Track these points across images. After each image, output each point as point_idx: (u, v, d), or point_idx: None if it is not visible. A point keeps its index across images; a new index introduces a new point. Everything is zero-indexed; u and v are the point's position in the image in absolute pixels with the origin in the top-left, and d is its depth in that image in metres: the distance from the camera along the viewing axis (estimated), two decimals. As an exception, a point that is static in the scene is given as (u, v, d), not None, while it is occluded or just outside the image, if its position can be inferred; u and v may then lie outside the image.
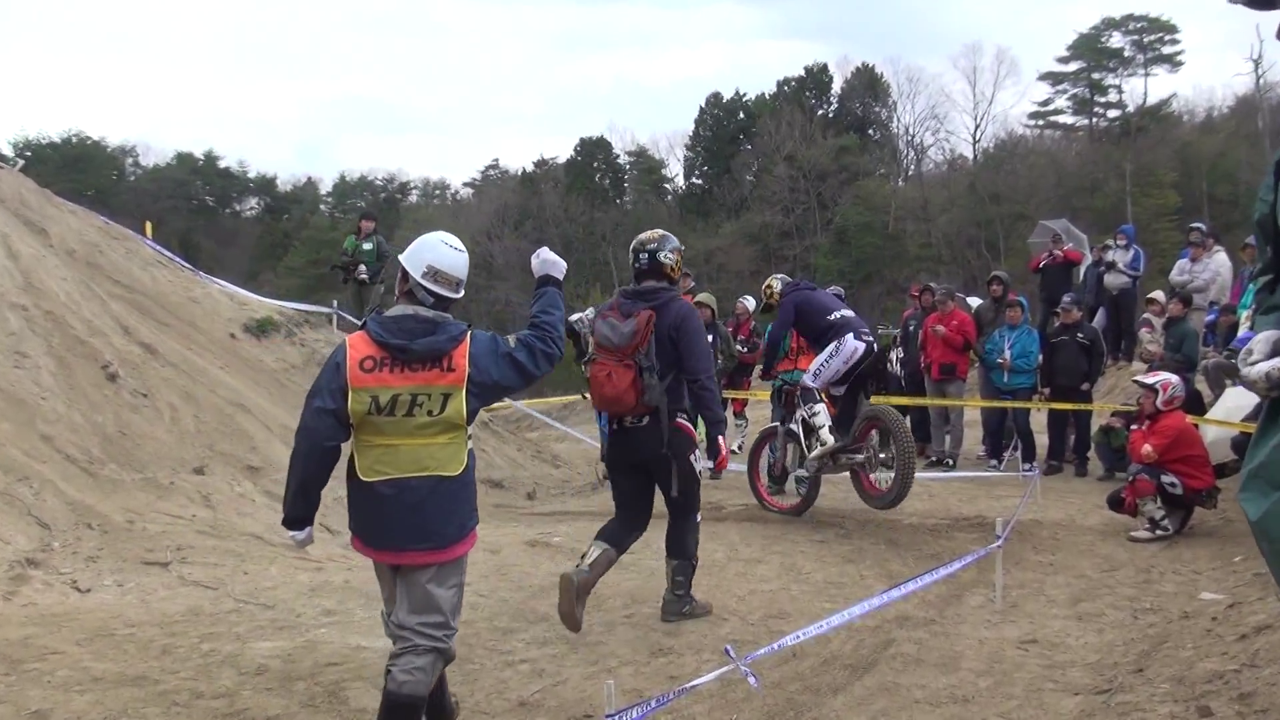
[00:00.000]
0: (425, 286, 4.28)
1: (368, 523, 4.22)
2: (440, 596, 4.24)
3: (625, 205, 71.25)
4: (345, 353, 4.19)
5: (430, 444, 4.16)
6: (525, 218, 65.93)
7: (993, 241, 53.70)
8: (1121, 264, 15.62)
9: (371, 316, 4.36)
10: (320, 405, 4.16)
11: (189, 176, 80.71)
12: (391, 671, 4.17)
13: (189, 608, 6.47)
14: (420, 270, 4.28)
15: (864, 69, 68.18)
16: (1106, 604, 6.86)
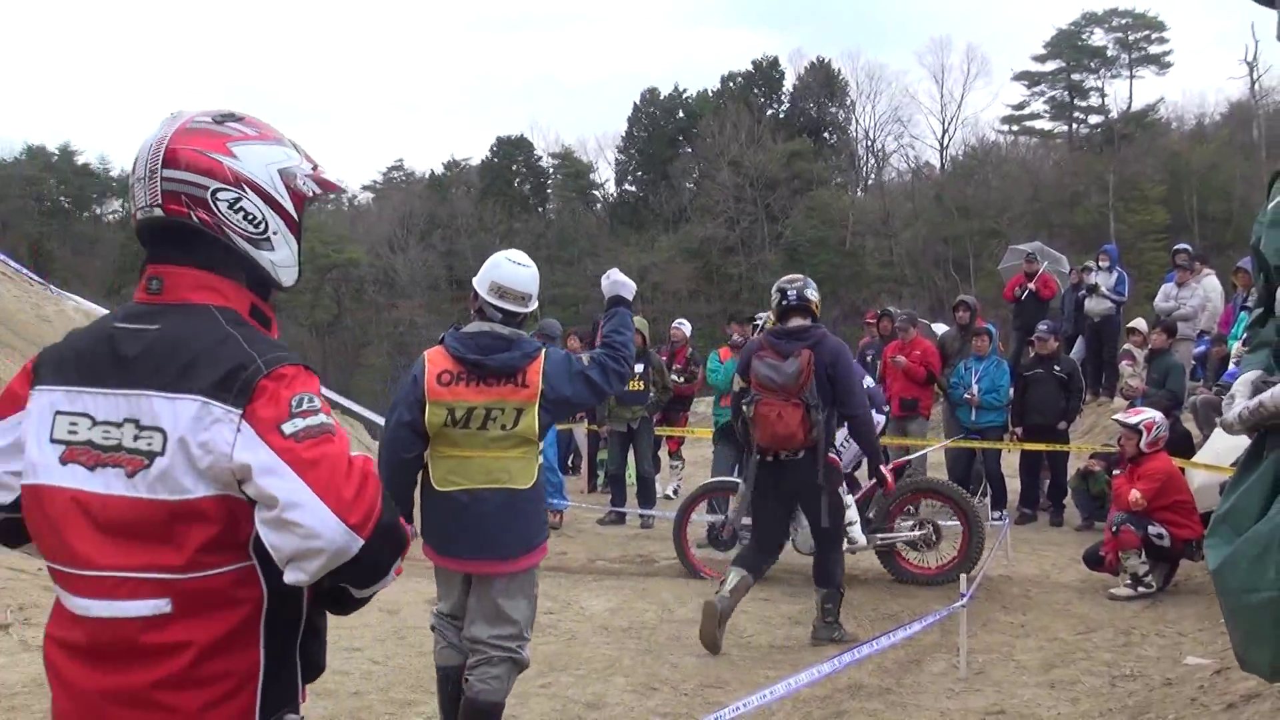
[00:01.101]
0: (493, 304, 4.93)
1: (439, 530, 4.86)
2: (511, 608, 4.88)
3: (549, 214, 71.39)
4: (424, 366, 4.85)
5: (503, 457, 4.80)
6: (434, 227, 65.75)
7: (961, 260, 54.55)
8: (1105, 287, 15.90)
9: (449, 332, 4.99)
10: (399, 418, 4.84)
11: (40, 174, 79.43)
12: (469, 679, 4.83)
13: (33, 677, 6.32)
14: (486, 288, 4.95)
15: (819, 64, 69.03)
16: (1082, 670, 6.97)
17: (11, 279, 13.11)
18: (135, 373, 2.17)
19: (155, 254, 2.33)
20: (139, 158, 2.32)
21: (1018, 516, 12.26)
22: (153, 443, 2.12)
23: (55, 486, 2.18)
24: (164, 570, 2.11)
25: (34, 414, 2.24)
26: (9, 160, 79.52)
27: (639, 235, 63.52)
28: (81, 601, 2.15)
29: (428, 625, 7.78)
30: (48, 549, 2.23)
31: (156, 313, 2.25)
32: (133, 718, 2.15)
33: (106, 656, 2.15)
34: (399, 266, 62.65)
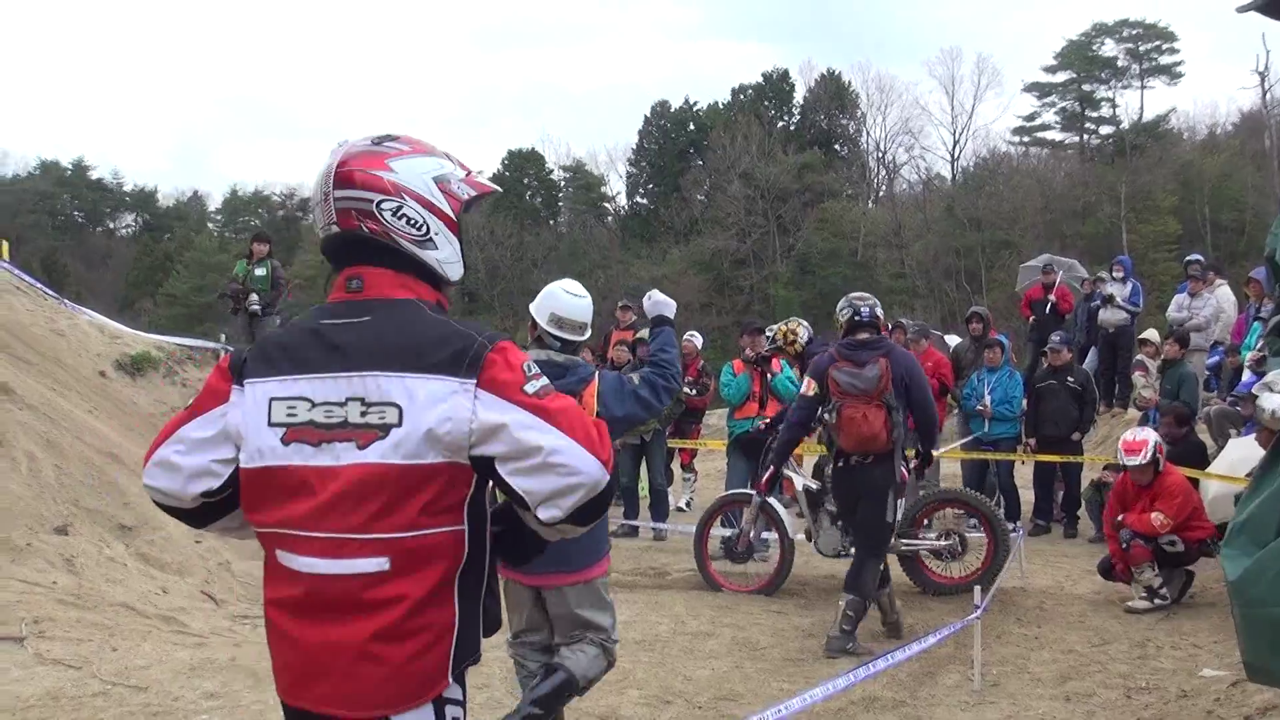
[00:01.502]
0: (552, 333, 5.27)
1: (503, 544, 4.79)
2: (592, 614, 5.11)
3: (559, 227, 71.47)
4: None
5: None
6: (445, 240, 65.79)
7: (973, 271, 54.49)
8: (1119, 298, 15.88)
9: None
10: None
11: (55, 188, 79.91)
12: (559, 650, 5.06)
13: (47, 690, 6.35)
14: (545, 319, 5.27)
15: (829, 76, 69.08)
16: (1097, 682, 6.95)
17: (25, 293, 13.15)
18: (354, 358, 2.47)
19: (345, 261, 2.66)
20: (315, 184, 2.66)
21: (1031, 528, 12.23)
22: (385, 416, 2.42)
23: (281, 465, 2.47)
24: (386, 531, 2.39)
25: (248, 404, 2.52)
26: (23, 175, 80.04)
27: (650, 248, 63.55)
28: (307, 560, 2.43)
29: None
30: (272, 518, 2.49)
31: (362, 307, 2.56)
32: (349, 668, 2.42)
33: (328, 611, 2.43)
34: (410, 280, 62.74)
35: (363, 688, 2.43)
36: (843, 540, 9.29)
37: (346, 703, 2.45)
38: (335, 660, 2.43)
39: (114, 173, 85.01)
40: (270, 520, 2.51)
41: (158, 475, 2.64)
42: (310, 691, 2.49)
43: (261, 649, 7.27)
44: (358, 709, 2.45)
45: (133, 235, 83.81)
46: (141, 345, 13.32)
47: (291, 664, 2.51)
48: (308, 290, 58.88)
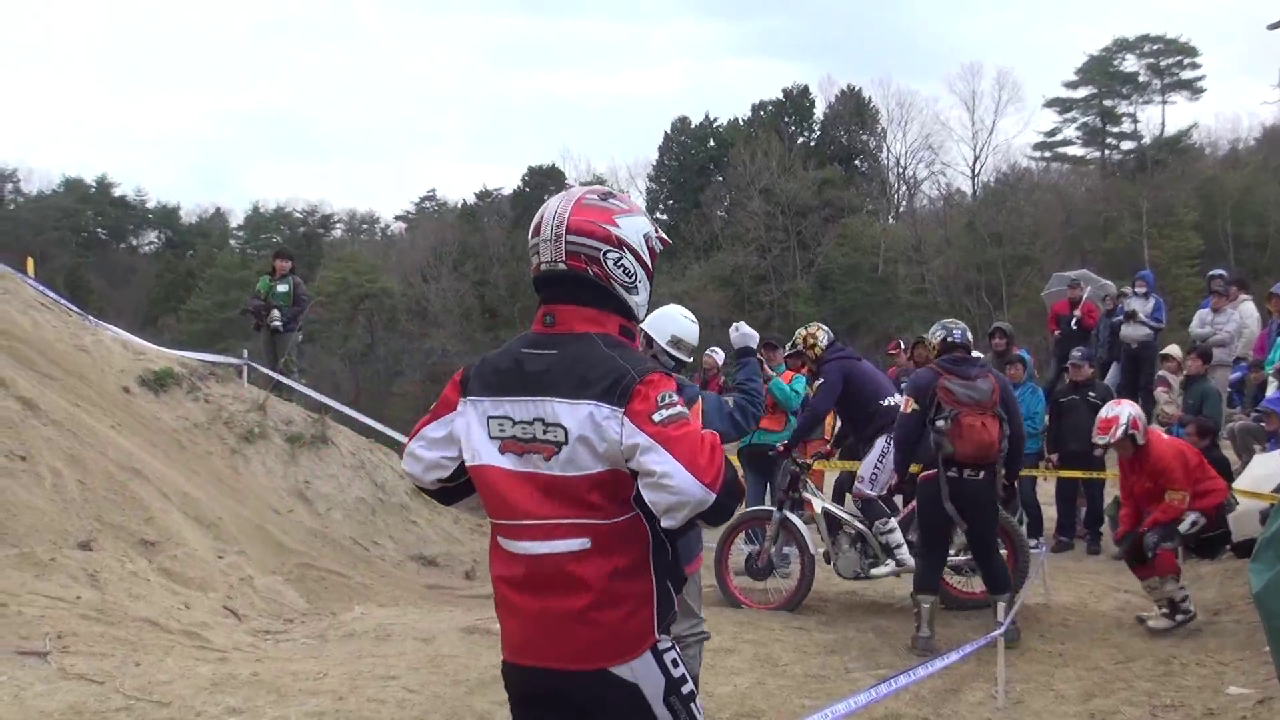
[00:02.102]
0: (669, 353, 5.73)
1: None
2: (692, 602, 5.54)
3: (580, 243, 71.40)
4: None
5: None
6: (466, 256, 65.94)
7: (994, 287, 54.29)
8: (1142, 313, 15.83)
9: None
10: None
11: (78, 205, 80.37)
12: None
13: (70, 705, 6.37)
14: (665, 339, 5.72)
15: (850, 92, 69.01)
16: (1122, 700, 6.91)
17: (50, 309, 13.23)
18: (538, 385, 3.04)
19: (549, 296, 3.17)
20: (544, 222, 3.15)
21: (1054, 545, 12.17)
22: (557, 435, 2.99)
23: (498, 468, 3.07)
24: (582, 518, 2.99)
25: (471, 417, 3.13)
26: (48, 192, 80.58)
27: (671, 263, 63.44)
28: (523, 544, 3.03)
29: (463, 654, 7.81)
30: (494, 510, 3.10)
31: (553, 340, 3.11)
32: (568, 631, 2.99)
33: (545, 585, 3.01)
34: (431, 296, 62.83)
35: (581, 646, 3.00)
36: (861, 562, 9.29)
37: (569, 658, 3.01)
38: (556, 624, 3.00)
39: (137, 190, 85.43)
40: (492, 511, 3.12)
41: (409, 463, 3.29)
42: (537, 651, 3.06)
43: (283, 664, 7.32)
44: (578, 663, 3.01)
45: (155, 252, 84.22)
46: (164, 361, 13.37)
47: (518, 630, 3.10)
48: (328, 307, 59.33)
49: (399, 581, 11.19)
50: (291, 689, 6.78)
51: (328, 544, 11.40)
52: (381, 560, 11.77)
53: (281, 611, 9.36)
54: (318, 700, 6.56)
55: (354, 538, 11.96)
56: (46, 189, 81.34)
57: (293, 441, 12.80)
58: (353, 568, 11.04)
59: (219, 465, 11.88)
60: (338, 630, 8.86)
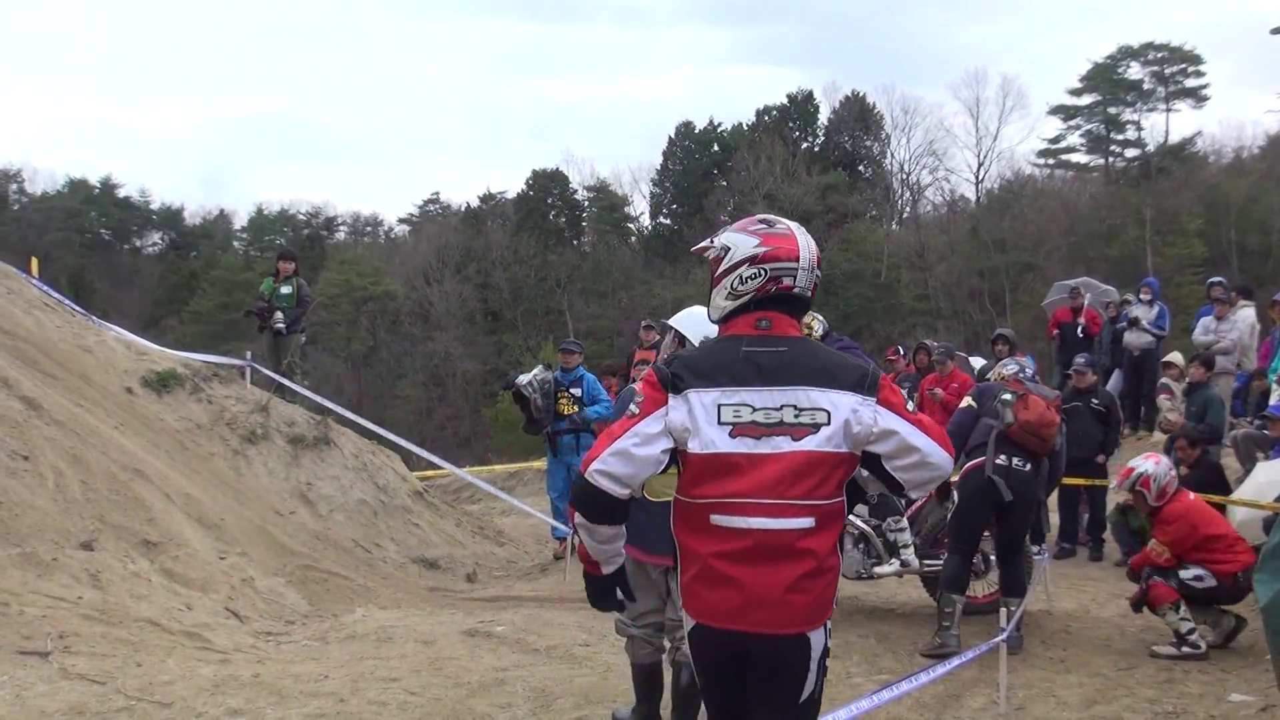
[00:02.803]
0: None
1: (653, 533, 5.34)
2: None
3: (583, 247, 71.47)
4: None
5: None
6: (469, 259, 65.94)
7: (997, 294, 54.32)
8: (1145, 321, 15.82)
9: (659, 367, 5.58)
10: None
11: (82, 206, 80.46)
12: (680, 646, 5.51)
13: (71, 705, 6.37)
14: (699, 340, 5.72)
15: (854, 98, 69.04)
16: (1124, 706, 6.90)
17: (54, 309, 13.22)
18: (783, 376, 3.50)
19: (766, 304, 3.62)
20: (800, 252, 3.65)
21: (1056, 551, 12.14)
22: (817, 418, 3.45)
23: (730, 452, 3.45)
24: (813, 498, 3.43)
25: (694, 408, 3.49)
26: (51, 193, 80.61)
27: (674, 268, 63.49)
28: (755, 520, 3.41)
29: (464, 657, 7.81)
30: (718, 490, 3.44)
31: (774, 340, 3.58)
32: (784, 599, 3.41)
33: (771, 557, 3.41)
34: (434, 299, 62.84)
35: (793, 613, 3.43)
36: (864, 562, 9.26)
37: (781, 624, 3.43)
38: (773, 593, 3.40)
39: (141, 191, 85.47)
40: (714, 493, 3.45)
41: (616, 464, 3.47)
42: (750, 617, 3.43)
43: (284, 666, 7.31)
44: (787, 628, 3.44)
45: (159, 253, 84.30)
46: (168, 362, 13.36)
47: (733, 598, 3.43)
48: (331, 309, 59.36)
49: (401, 584, 11.19)
50: (293, 691, 6.78)
51: (330, 546, 11.39)
52: (383, 562, 11.77)
53: (283, 613, 9.35)
54: (319, 702, 6.56)
55: (356, 540, 11.96)
56: (51, 189, 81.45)
57: (295, 443, 12.80)
58: (355, 570, 11.04)
59: (221, 466, 11.88)
60: (339, 632, 8.86)
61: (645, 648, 5.96)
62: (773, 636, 3.45)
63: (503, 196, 74.39)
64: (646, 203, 73.81)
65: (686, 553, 3.57)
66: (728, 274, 3.67)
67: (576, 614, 9.54)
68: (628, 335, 41.68)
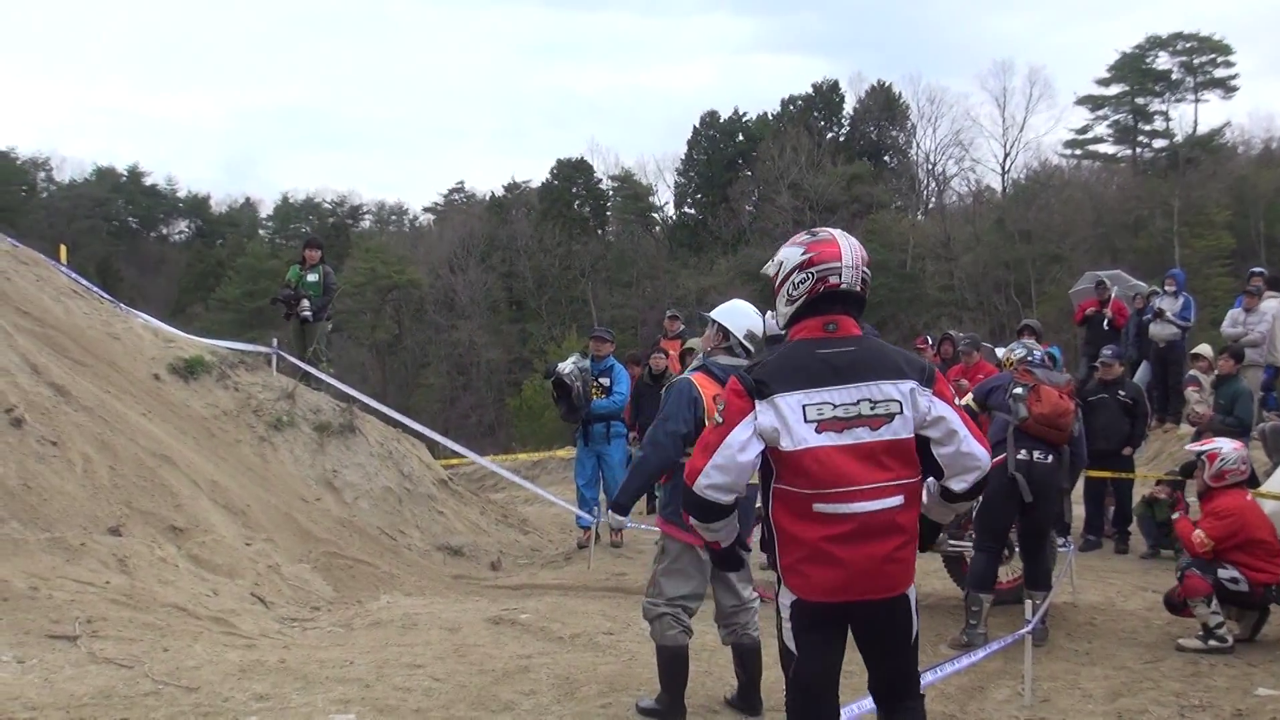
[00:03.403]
0: (744, 345, 6.22)
1: None
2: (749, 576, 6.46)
3: (607, 236, 71.52)
4: (699, 391, 6.03)
5: None
6: (493, 248, 66.09)
7: (1023, 285, 54.05)
8: (1170, 312, 15.72)
9: (703, 364, 6.22)
10: (675, 429, 5.95)
11: (109, 194, 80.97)
12: (735, 629, 6.28)
13: (99, 689, 6.41)
14: (743, 333, 6.21)
15: (880, 88, 68.90)
16: (1150, 699, 6.87)
17: (82, 296, 13.28)
18: (855, 373, 3.99)
19: (831, 309, 4.12)
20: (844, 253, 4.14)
21: (1082, 544, 12.10)
22: (890, 408, 3.96)
23: (818, 446, 3.91)
24: (900, 479, 3.96)
25: (782, 410, 3.94)
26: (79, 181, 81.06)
27: (698, 258, 63.50)
28: (856, 505, 3.88)
29: (488, 644, 7.83)
30: (816, 482, 3.89)
31: (842, 341, 4.07)
32: (883, 568, 3.93)
33: (872, 535, 3.90)
34: (459, 287, 63.00)
35: (890, 580, 3.97)
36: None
37: (881, 590, 3.96)
38: (873, 566, 3.90)
39: (168, 179, 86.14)
40: (815, 483, 3.90)
41: (719, 475, 3.98)
42: (855, 589, 3.93)
43: (310, 652, 7.34)
44: (889, 592, 3.97)
45: (185, 241, 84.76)
46: (195, 349, 13.41)
47: (838, 575, 3.91)
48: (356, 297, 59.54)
49: (425, 571, 11.22)
50: (319, 676, 6.81)
51: (355, 533, 11.43)
52: (408, 550, 11.80)
53: (309, 599, 9.39)
54: (345, 688, 6.58)
55: (381, 527, 11.99)
56: (79, 177, 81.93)
57: (321, 430, 12.83)
58: (379, 557, 11.07)
59: (247, 453, 11.92)
60: (364, 619, 8.89)
61: (674, 627, 6.08)
62: (876, 602, 3.98)
63: (527, 185, 74.50)
64: (671, 192, 73.81)
65: (789, 538, 4.00)
66: (784, 283, 4.19)
67: (600, 602, 9.56)
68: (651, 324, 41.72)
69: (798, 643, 4.08)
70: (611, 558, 12.03)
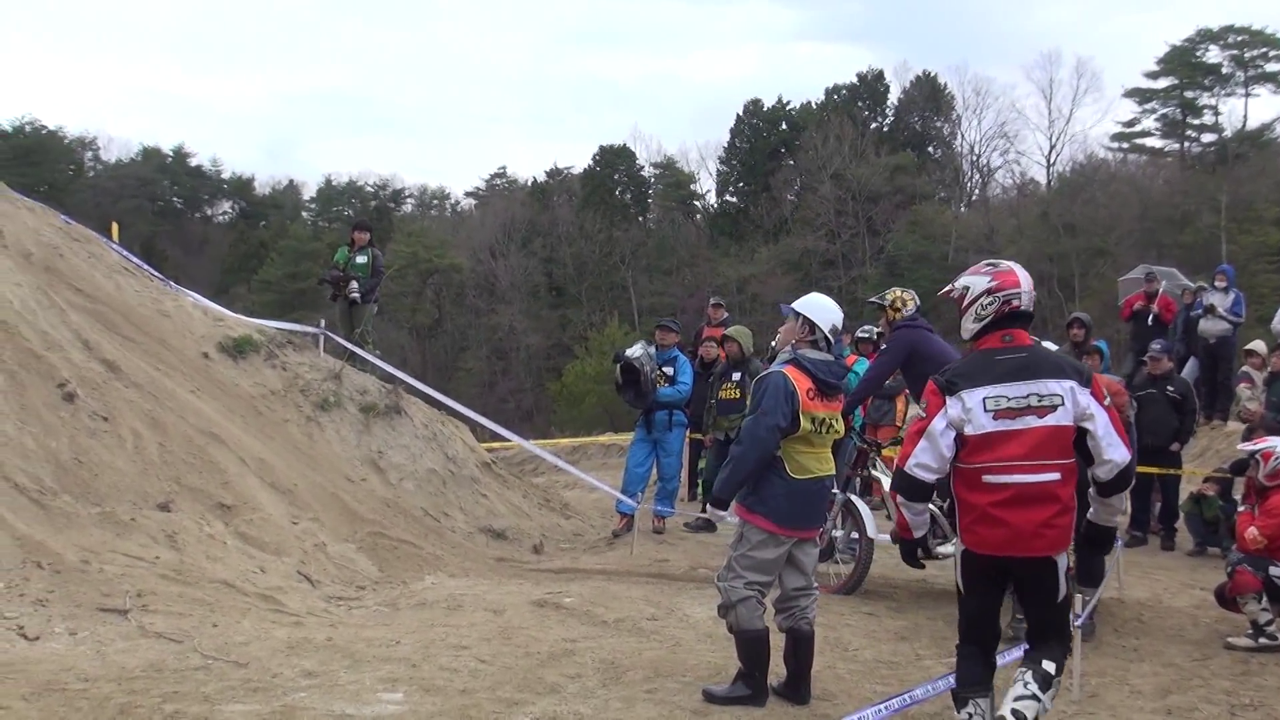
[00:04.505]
0: (829, 339, 6.48)
1: (794, 509, 6.28)
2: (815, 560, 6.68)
3: (648, 224, 71.48)
4: (794, 384, 6.21)
5: (825, 452, 6.44)
6: (534, 234, 66.19)
7: (1067, 279, 53.62)
8: (1221, 308, 15.56)
9: (794, 357, 6.37)
10: (775, 422, 6.14)
11: (155, 175, 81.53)
12: (794, 613, 6.39)
13: (150, 662, 6.47)
14: (829, 327, 6.47)
15: (925, 78, 68.44)
16: (1199, 697, 6.81)
17: (133, 274, 13.37)
18: (1025, 373, 4.98)
19: (1008, 324, 5.15)
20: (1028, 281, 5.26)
21: (1128, 540, 12.00)
22: (1054, 400, 4.94)
23: (994, 430, 4.94)
24: (1059, 458, 4.94)
25: (968, 403, 4.97)
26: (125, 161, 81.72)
27: (739, 246, 63.35)
28: (1014, 476, 4.89)
29: (533, 627, 7.84)
30: (989, 458, 4.93)
31: (1016, 349, 5.09)
32: (1040, 531, 4.90)
33: (1029, 503, 4.89)
34: (499, 272, 63.14)
35: (1044, 543, 4.94)
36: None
37: (1034, 550, 4.94)
38: (1030, 529, 4.88)
39: (213, 160, 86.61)
40: (987, 459, 4.93)
41: (925, 456, 5.05)
42: (1016, 546, 4.93)
43: (356, 630, 7.37)
44: (1038, 553, 4.95)
45: (229, 222, 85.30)
46: (243, 329, 13.48)
47: (1002, 534, 4.92)
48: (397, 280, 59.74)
49: (469, 553, 11.25)
50: (366, 655, 6.84)
51: (399, 514, 11.47)
52: (452, 532, 11.82)
53: (354, 579, 9.44)
54: (391, 667, 6.61)
55: (425, 508, 12.02)
56: (125, 158, 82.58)
57: (367, 411, 12.88)
58: (424, 538, 11.10)
59: (294, 432, 11.98)
60: (409, 599, 8.93)
61: (757, 609, 6.27)
62: (1029, 560, 4.96)
63: (569, 172, 74.55)
64: (713, 180, 73.68)
65: (965, 504, 5.05)
66: (972, 305, 5.21)
67: (644, 588, 9.56)
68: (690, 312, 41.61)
69: (965, 584, 5.22)
70: (654, 544, 12.02)
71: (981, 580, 5.13)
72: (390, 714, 5.79)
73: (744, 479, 6.31)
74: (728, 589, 6.28)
